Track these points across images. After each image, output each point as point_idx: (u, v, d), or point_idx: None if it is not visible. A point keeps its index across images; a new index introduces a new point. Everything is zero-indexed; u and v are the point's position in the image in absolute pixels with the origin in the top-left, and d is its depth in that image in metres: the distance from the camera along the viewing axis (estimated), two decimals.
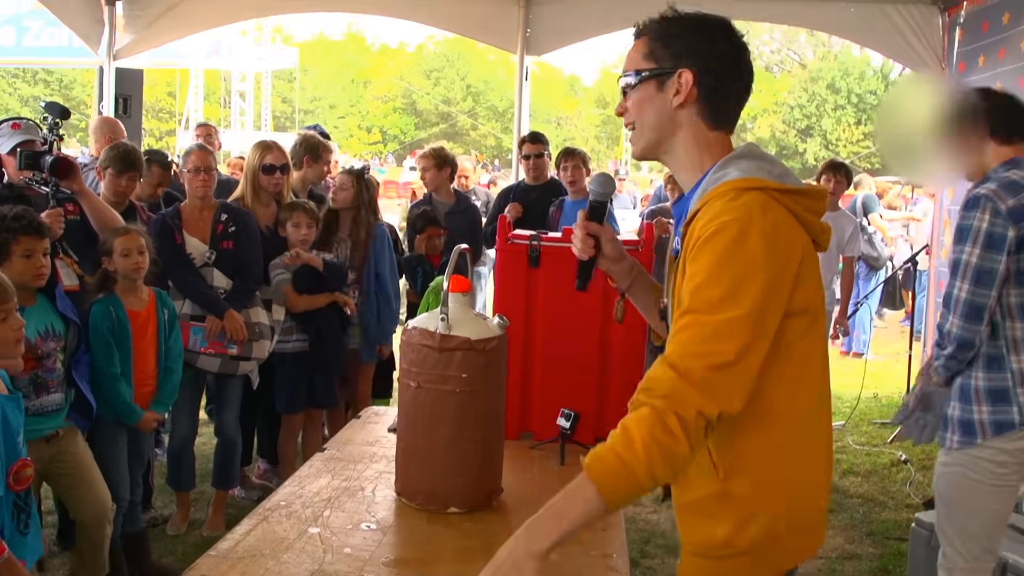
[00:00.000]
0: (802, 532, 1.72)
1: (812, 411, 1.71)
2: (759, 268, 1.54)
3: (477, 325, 2.33)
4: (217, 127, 7.18)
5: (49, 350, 3.21)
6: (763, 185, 1.61)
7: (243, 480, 4.76)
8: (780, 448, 1.67)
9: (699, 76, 1.68)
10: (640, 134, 1.77)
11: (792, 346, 1.63)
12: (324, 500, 2.38)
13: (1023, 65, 6.15)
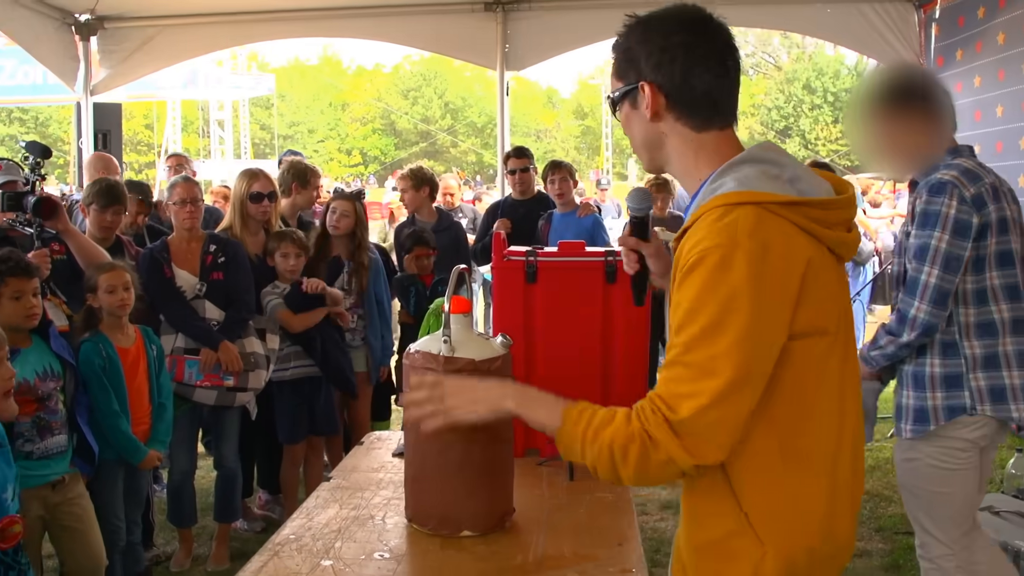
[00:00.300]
0: (825, 561, 1.62)
1: (833, 440, 1.59)
2: (745, 296, 1.44)
3: (480, 346, 2.30)
4: (189, 156, 7.13)
5: (49, 391, 3.17)
6: (758, 199, 1.50)
7: (245, 512, 4.71)
8: (801, 484, 1.57)
9: (659, 83, 1.59)
10: (638, 154, 1.72)
11: (805, 373, 1.54)
12: (334, 531, 2.34)
13: (1000, 57, 6.20)
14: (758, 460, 1.55)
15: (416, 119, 48.33)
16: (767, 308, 1.46)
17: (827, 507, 1.58)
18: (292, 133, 48.40)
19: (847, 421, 1.62)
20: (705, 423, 1.46)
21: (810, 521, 1.57)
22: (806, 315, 1.51)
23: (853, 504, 1.65)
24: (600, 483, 2.71)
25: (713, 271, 1.45)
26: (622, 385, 3.00)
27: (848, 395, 1.62)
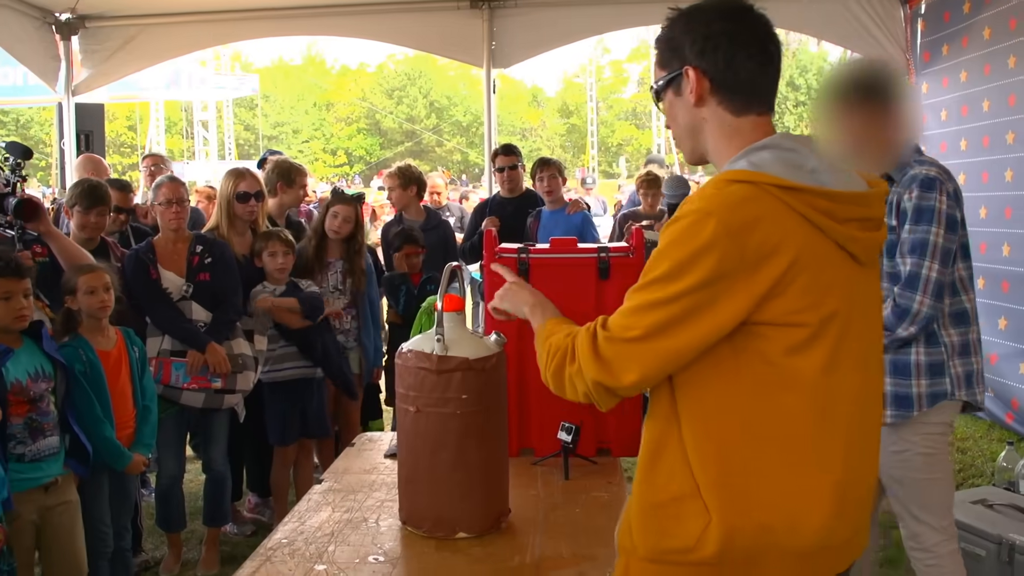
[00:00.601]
0: (788, 553, 1.57)
1: (804, 436, 1.56)
2: (703, 257, 1.47)
3: (474, 344, 2.27)
4: (167, 156, 7.04)
5: (41, 392, 3.12)
6: (757, 179, 1.51)
7: (234, 515, 4.66)
8: (760, 463, 1.56)
9: (703, 68, 1.62)
10: (681, 145, 1.74)
11: (770, 359, 1.53)
12: (327, 535, 2.31)
13: (986, 52, 6.20)
14: (717, 432, 1.57)
15: (401, 118, 48.24)
16: (721, 280, 1.48)
17: (794, 498, 1.56)
18: (277, 134, 48.23)
19: (832, 421, 1.58)
20: (622, 352, 1.55)
21: (766, 502, 1.55)
22: (782, 304, 1.51)
23: (840, 510, 1.58)
24: (596, 482, 2.70)
25: (685, 230, 1.50)
26: None
27: (837, 398, 1.58)
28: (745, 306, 1.50)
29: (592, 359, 1.57)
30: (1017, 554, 3.38)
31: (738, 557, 1.57)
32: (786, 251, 1.49)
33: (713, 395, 1.57)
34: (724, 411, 1.57)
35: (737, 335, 1.53)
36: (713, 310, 1.50)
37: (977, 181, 6.30)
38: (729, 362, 1.55)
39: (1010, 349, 5.90)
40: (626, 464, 5.09)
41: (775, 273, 1.49)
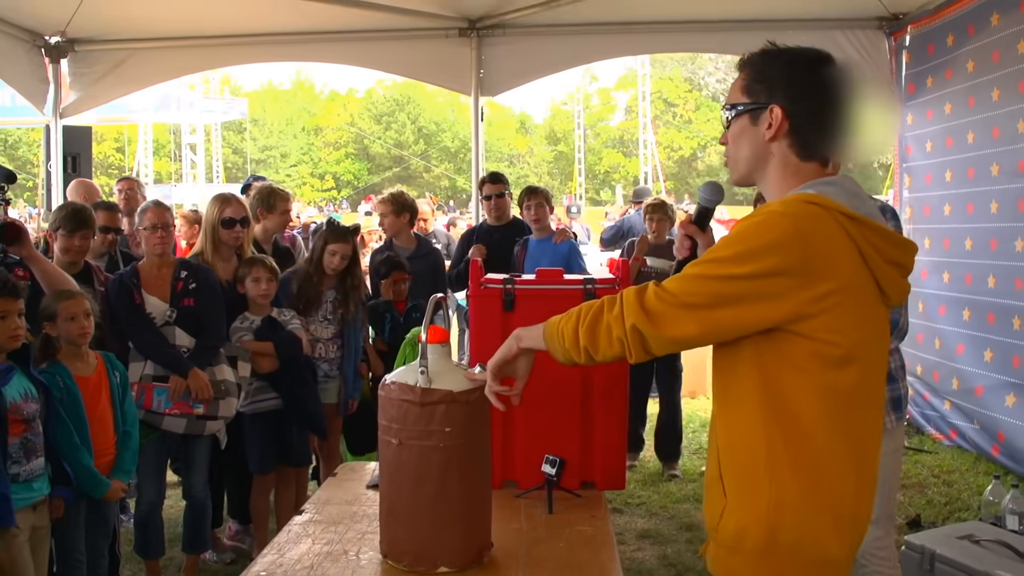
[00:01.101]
0: (788, 563, 1.69)
1: (818, 450, 1.67)
2: (772, 251, 1.60)
3: (458, 376, 2.25)
4: (140, 181, 6.98)
5: (32, 412, 3.11)
6: (828, 204, 1.65)
7: (214, 542, 4.60)
8: (767, 461, 1.69)
9: (789, 110, 1.73)
10: (735, 165, 1.84)
11: (804, 367, 1.65)
12: (306, 568, 2.27)
13: (970, 85, 6.26)
14: (739, 426, 1.73)
15: (389, 144, 48.35)
16: (780, 277, 1.61)
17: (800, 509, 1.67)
18: (265, 157, 48.25)
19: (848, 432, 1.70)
20: (668, 312, 1.67)
21: (761, 498, 1.69)
22: (823, 321, 1.63)
23: (839, 535, 1.69)
24: (579, 516, 2.67)
25: (761, 224, 1.64)
26: (600, 413, 2.96)
27: (858, 424, 1.71)
28: (792, 308, 1.62)
29: (637, 307, 1.68)
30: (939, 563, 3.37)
31: (751, 547, 1.70)
32: (840, 273, 1.63)
33: (735, 388, 1.74)
34: (752, 406, 1.70)
35: (775, 335, 1.66)
36: (763, 302, 1.62)
37: (963, 212, 6.34)
38: (756, 360, 1.69)
39: (996, 381, 5.91)
40: (610, 497, 5.08)
41: (826, 289, 1.62)
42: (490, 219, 5.97)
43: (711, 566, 1.81)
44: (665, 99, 47.27)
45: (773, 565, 1.70)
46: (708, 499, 1.82)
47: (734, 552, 1.73)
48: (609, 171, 48.88)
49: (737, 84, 1.82)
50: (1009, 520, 4.09)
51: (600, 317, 1.74)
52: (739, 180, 1.86)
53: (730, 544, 1.73)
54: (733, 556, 1.74)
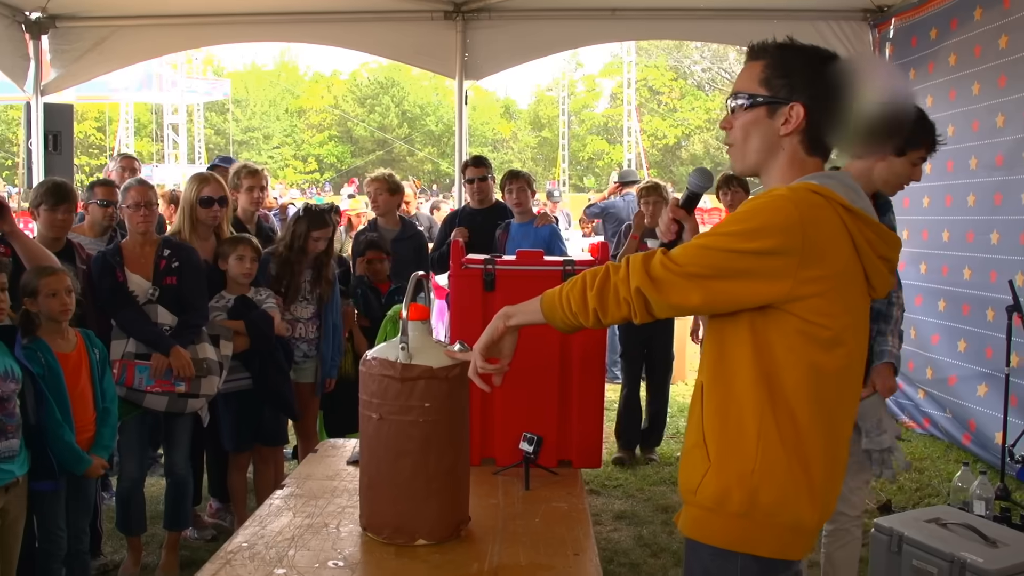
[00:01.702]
0: (765, 525, 1.79)
1: (800, 423, 1.76)
2: (776, 232, 1.68)
3: (438, 353, 2.29)
4: (139, 160, 6.94)
5: (8, 392, 3.08)
6: (829, 195, 1.73)
7: (195, 520, 4.63)
8: (751, 426, 1.77)
9: (810, 110, 1.80)
10: (741, 154, 1.90)
11: (794, 347, 1.74)
12: (288, 539, 2.31)
13: (952, 78, 6.33)
14: (722, 391, 1.82)
15: (373, 127, 48.13)
16: (781, 256, 1.69)
17: (773, 467, 1.77)
18: (247, 139, 47.96)
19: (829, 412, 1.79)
20: (672, 280, 1.75)
21: (747, 463, 1.77)
22: (816, 304, 1.72)
23: (810, 490, 1.79)
24: (556, 493, 2.72)
25: (768, 205, 1.72)
26: (578, 392, 3.01)
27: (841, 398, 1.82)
28: (788, 288, 1.71)
29: (643, 272, 1.76)
30: (968, 572, 3.43)
31: (732, 510, 1.79)
32: (835, 261, 1.73)
33: (729, 359, 1.81)
34: (735, 368, 1.80)
35: (770, 312, 1.75)
36: (762, 279, 1.71)
37: (940, 204, 6.41)
38: (750, 324, 1.77)
39: (969, 371, 6.00)
40: (587, 479, 5.13)
41: (821, 273, 1.71)
42: (472, 203, 6.00)
43: (688, 529, 1.88)
44: (650, 87, 47.27)
45: (750, 527, 1.79)
46: (687, 465, 1.89)
47: (714, 513, 1.81)
48: (593, 158, 48.89)
49: (753, 74, 1.86)
50: (976, 505, 4.18)
51: (608, 280, 1.82)
52: (742, 170, 1.93)
53: (710, 506, 1.82)
54: (712, 517, 1.82)
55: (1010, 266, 5.49)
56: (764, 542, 1.80)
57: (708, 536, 1.84)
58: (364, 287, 5.11)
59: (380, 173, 5.89)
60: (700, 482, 1.83)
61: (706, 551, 1.85)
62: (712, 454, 1.82)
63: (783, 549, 1.82)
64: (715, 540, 1.83)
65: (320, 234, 4.66)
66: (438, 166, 45.28)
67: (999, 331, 5.16)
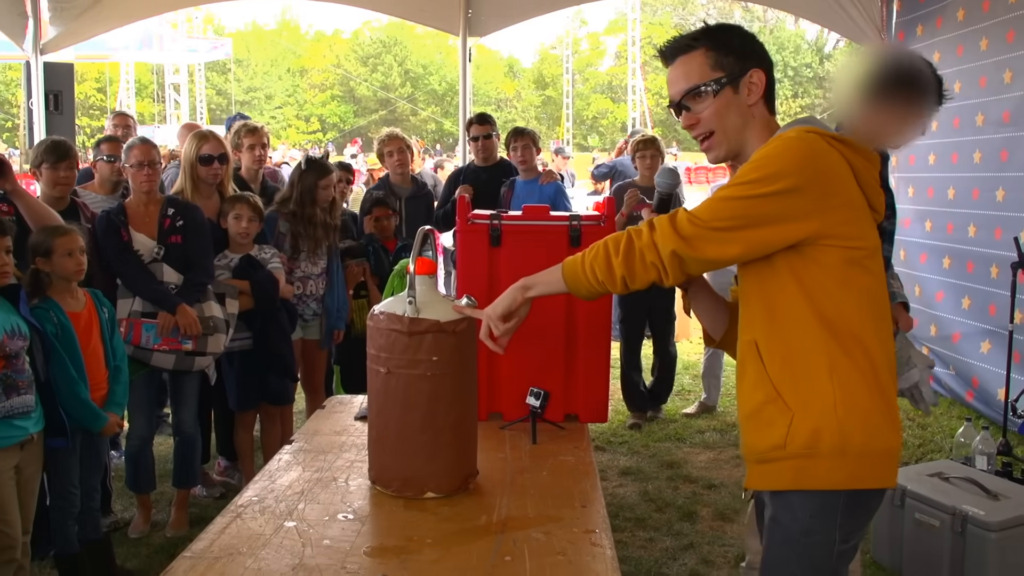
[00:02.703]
0: (861, 458, 1.83)
1: (859, 340, 1.83)
2: (794, 171, 1.75)
3: (445, 307, 2.30)
4: (135, 119, 6.87)
5: (16, 349, 3.09)
6: (819, 132, 1.82)
7: (203, 478, 4.67)
8: (821, 364, 1.83)
9: (765, 70, 1.93)
10: (723, 139, 1.96)
11: (833, 269, 1.81)
12: (297, 493, 2.34)
13: (959, 34, 6.26)
14: (783, 341, 1.86)
15: (376, 86, 47.84)
16: (803, 193, 1.76)
17: (854, 398, 1.82)
18: (249, 99, 47.67)
19: (877, 338, 1.86)
20: (702, 234, 1.79)
21: (828, 401, 1.82)
22: (851, 230, 1.81)
23: (885, 408, 1.85)
24: (563, 447, 2.74)
25: (778, 148, 1.79)
26: (584, 347, 3.02)
27: (881, 318, 1.89)
28: (818, 222, 1.78)
29: (673, 233, 1.80)
30: (969, 524, 3.47)
31: (827, 450, 1.82)
32: (845, 188, 1.81)
33: (780, 309, 1.86)
34: (789, 315, 1.85)
35: (808, 253, 1.81)
36: (791, 219, 1.77)
37: (947, 162, 6.38)
38: (791, 271, 1.83)
39: (972, 328, 6.00)
40: (593, 436, 5.16)
41: (841, 200, 1.80)
42: (477, 160, 5.99)
43: (785, 482, 1.88)
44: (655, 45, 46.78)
45: (848, 463, 1.82)
46: (761, 424, 1.90)
47: (810, 459, 1.84)
48: (597, 116, 48.61)
49: (698, 64, 1.93)
50: (978, 460, 4.20)
51: (632, 246, 1.85)
52: (728, 153, 1.97)
53: (804, 452, 1.84)
54: (810, 462, 1.84)
55: (1015, 223, 5.48)
56: (864, 475, 1.84)
57: (810, 482, 1.85)
58: (374, 244, 5.12)
59: (394, 132, 5.90)
60: (787, 432, 1.85)
61: (805, 506, 1.87)
62: (792, 403, 1.85)
63: (882, 477, 1.87)
64: (818, 484, 1.85)
65: (326, 182, 4.66)
66: (441, 125, 45.05)
67: (1003, 288, 5.16)
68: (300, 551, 1.98)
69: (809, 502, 1.86)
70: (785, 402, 1.85)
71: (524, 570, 1.89)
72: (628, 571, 3.72)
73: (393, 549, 2.01)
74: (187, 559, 1.95)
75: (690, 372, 7.16)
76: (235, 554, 1.97)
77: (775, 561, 1.94)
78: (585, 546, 2.02)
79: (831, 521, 1.86)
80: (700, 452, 5.35)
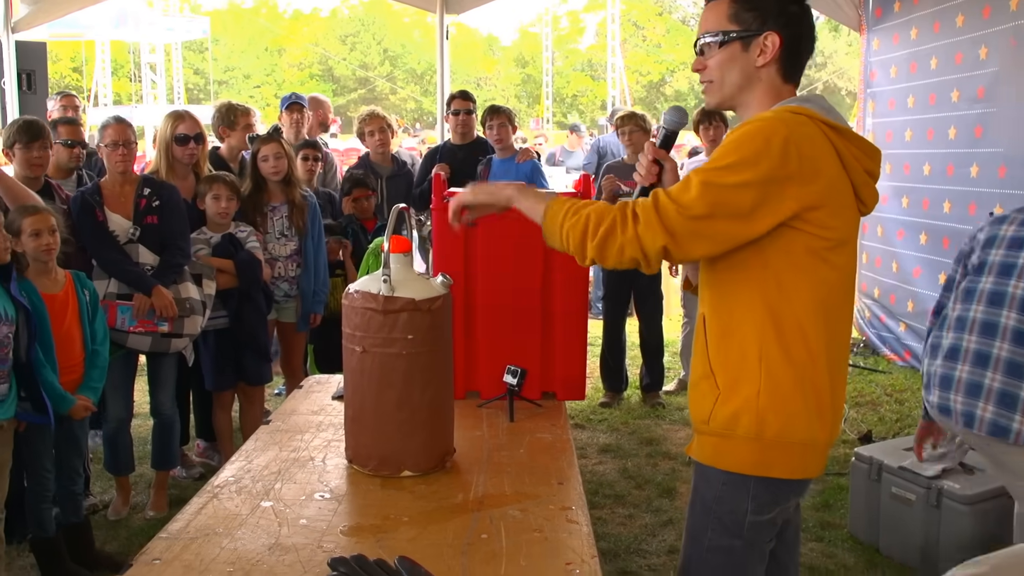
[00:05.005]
0: (775, 447, 1.85)
1: (802, 332, 1.82)
2: (771, 155, 1.71)
3: (420, 285, 2.29)
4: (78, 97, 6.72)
5: (2, 336, 3.07)
6: (811, 114, 1.78)
7: (183, 459, 4.66)
8: (753, 350, 1.83)
9: (784, 37, 1.86)
10: (719, 89, 1.93)
11: (795, 255, 1.79)
12: (274, 473, 2.33)
13: (936, 10, 6.28)
14: (724, 319, 1.87)
15: (354, 65, 47.51)
16: (781, 180, 1.73)
17: (778, 388, 1.82)
18: (227, 78, 47.24)
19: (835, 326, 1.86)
20: (689, 227, 1.74)
21: (752, 386, 1.83)
22: (817, 216, 1.77)
23: (818, 405, 1.85)
24: (540, 424, 2.75)
25: (757, 130, 1.75)
26: (561, 324, 3.02)
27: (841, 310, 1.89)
28: (794, 206, 1.75)
29: (661, 229, 1.75)
30: (944, 498, 3.51)
31: (743, 434, 1.85)
32: (827, 175, 1.77)
33: (729, 286, 1.86)
34: (737, 296, 1.85)
35: (778, 233, 1.78)
36: (771, 204, 1.74)
37: (923, 138, 6.41)
38: (754, 248, 1.79)
39: None
40: (573, 413, 5.18)
41: (819, 187, 1.76)
42: (455, 137, 5.96)
43: (703, 456, 1.95)
44: (634, 22, 46.68)
45: (762, 449, 1.85)
46: (696, 396, 1.95)
47: (726, 439, 1.88)
48: (577, 95, 48.47)
49: (720, 12, 1.89)
50: None
51: (613, 237, 1.78)
52: (720, 104, 1.95)
53: (722, 432, 1.88)
54: (725, 443, 1.88)
55: (989, 199, 5.52)
56: (776, 464, 1.87)
57: (723, 462, 1.90)
58: (355, 225, 5.10)
59: (375, 111, 5.87)
60: (711, 410, 1.88)
61: (719, 477, 1.92)
62: (720, 382, 1.87)
63: (795, 468, 1.89)
64: (729, 465, 1.89)
65: (266, 150, 4.59)
66: (420, 104, 44.82)
67: None
68: (276, 531, 1.98)
69: (722, 480, 1.92)
70: (715, 380, 1.88)
71: (500, 548, 1.90)
72: (607, 548, 3.75)
73: (369, 528, 2.02)
74: (163, 540, 1.94)
75: (669, 350, 7.18)
76: (211, 534, 1.97)
77: (695, 529, 2.00)
78: (561, 523, 2.03)
79: (743, 494, 1.90)
80: (679, 429, 5.38)
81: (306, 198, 4.72)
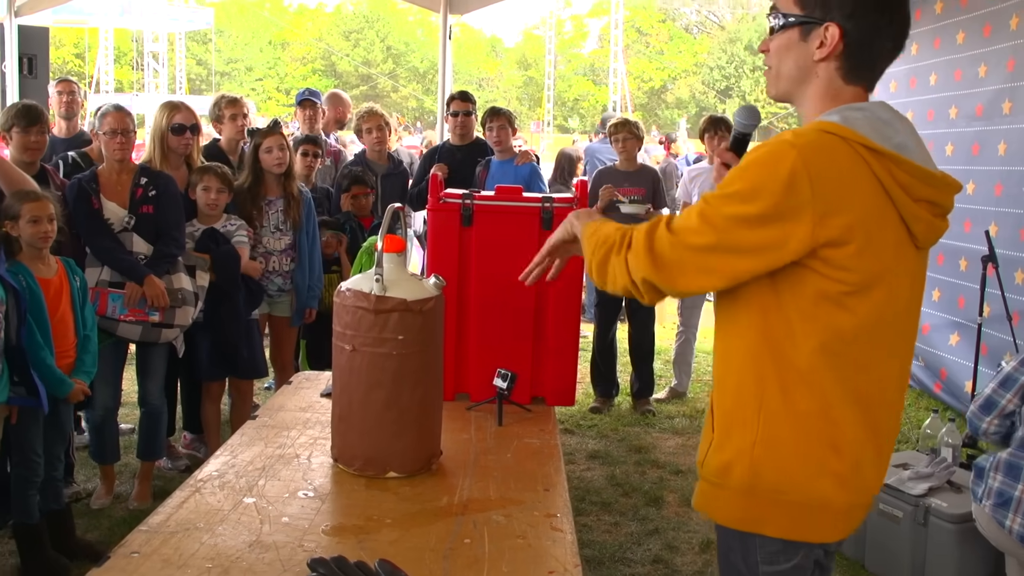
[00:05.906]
0: (782, 507, 1.65)
1: (807, 382, 1.61)
2: (777, 186, 1.51)
3: (413, 286, 2.28)
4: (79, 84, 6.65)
5: None
6: (848, 135, 1.55)
7: (169, 451, 4.64)
8: (752, 395, 1.65)
9: (847, 31, 1.61)
10: (775, 79, 1.73)
11: (804, 299, 1.58)
12: (258, 469, 2.32)
13: (937, 26, 6.28)
14: (727, 356, 1.72)
15: (357, 62, 47.51)
16: (789, 214, 1.52)
17: (777, 440, 1.63)
18: (229, 70, 47.23)
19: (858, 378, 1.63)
20: (683, 258, 1.60)
21: (747, 436, 1.65)
22: (846, 256, 1.54)
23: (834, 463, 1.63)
24: (528, 429, 2.74)
25: (768, 155, 1.55)
26: (553, 329, 3.01)
27: (863, 368, 1.63)
28: (800, 247, 1.54)
29: (647, 258, 1.62)
30: (932, 516, 3.51)
31: (733, 484, 1.67)
32: (853, 208, 1.53)
33: (735, 320, 1.68)
34: (741, 334, 1.67)
35: (784, 271, 1.58)
36: (771, 241, 1.54)
37: None
38: (761, 294, 1.62)
39: (941, 320, 6.05)
40: (562, 419, 5.17)
41: (837, 225, 1.53)
42: (454, 138, 5.95)
43: (697, 502, 1.78)
44: (638, 28, 46.78)
45: (754, 505, 1.66)
46: (703, 433, 1.79)
47: (718, 488, 1.71)
48: (578, 99, 48.51)
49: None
50: (944, 452, 4.23)
51: (608, 260, 1.70)
52: (776, 95, 1.76)
53: (713, 480, 1.71)
54: (717, 492, 1.71)
55: (985, 216, 5.52)
56: (771, 521, 1.66)
57: (713, 512, 1.74)
58: (352, 222, 5.08)
59: (373, 108, 5.85)
60: (706, 453, 1.73)
61: (721, 527, 1.75)
62: (716, 425, 1.71)
63: (797, 530, 1.66)
64: (719, 517, 1.73)
65: (270, 142, 4.56)
66: (422, 103, 44.83)
67: (972, 281, 5.20)
68: (258, 528, 1.97)
69: (723, 531, 1.75)
70: (713, 421, 1.73)
71: (483, 553, 1.89)
72: (592, 555, 3.74)
73: (351, 528, 2.00)
74: (143, 533, 1.93)
75: (661, 358, 7.18)
76: (192, 529, 1.95)
77: None
78: (546, 530, 2.02)
79: (750, 546, 1.70)
80: (669, 438, 5.37)
81: (302, 193, 4.70)
